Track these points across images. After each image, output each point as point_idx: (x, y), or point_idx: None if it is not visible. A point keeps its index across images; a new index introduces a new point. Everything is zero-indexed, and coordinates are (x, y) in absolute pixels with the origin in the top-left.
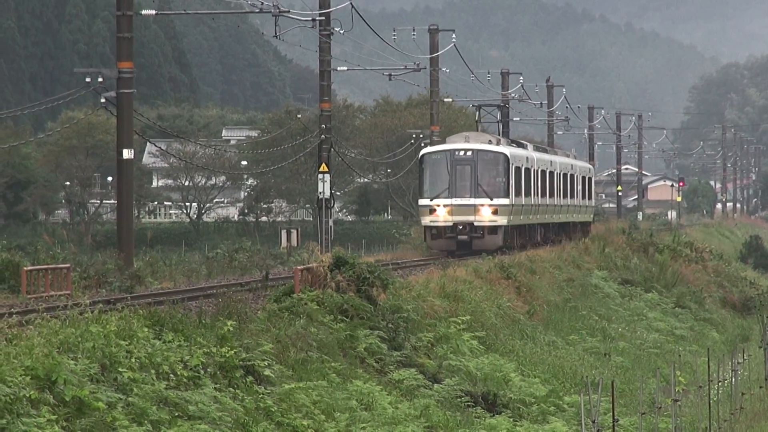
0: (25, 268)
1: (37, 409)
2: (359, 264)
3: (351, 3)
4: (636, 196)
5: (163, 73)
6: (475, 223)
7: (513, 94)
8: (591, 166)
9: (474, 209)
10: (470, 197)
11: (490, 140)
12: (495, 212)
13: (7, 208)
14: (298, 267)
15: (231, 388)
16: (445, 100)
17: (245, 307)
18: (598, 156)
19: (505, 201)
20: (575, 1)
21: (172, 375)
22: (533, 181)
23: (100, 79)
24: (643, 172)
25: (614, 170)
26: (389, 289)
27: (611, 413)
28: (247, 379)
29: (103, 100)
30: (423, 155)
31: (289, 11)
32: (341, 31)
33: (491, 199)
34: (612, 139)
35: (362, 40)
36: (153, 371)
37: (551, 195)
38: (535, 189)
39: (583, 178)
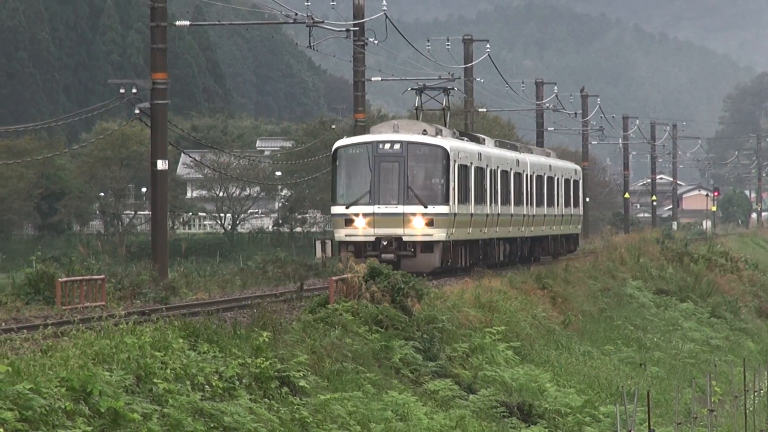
0: (59, 280)
1: (73, 420)
2: (394, 274)
3: (385, 13)
4: (671, 206)
5: (197, 83)
6: (405, 238)
7: (547, 104)
8: (578, 167)
9: (403, 220)
10: (398, 204)
11: (425, 130)
12: (430, 223)
13: (42, 219)
14: (333, 278)
15: (266, 399)
16: (480, 110)
17: (280, 317)
18: (633, 166)
19: (443, 209)
20: (609, 11)
21: (207, 386)
22: (489, 183)
23: (134, 90)
24: (678, 181)
25: (649, 180)
26: (424, 299)
27: (647, 423)
28: (283, 390)
29: (137, 111)
30: (337, 149)
31: (323, 22)
32: (375, 42)
33: (425, 207)
34: (647, 148)
35: (396, 51)
36: (188, 382)
37: (518, 202)
38: (492, 194)
39: (567, 181)
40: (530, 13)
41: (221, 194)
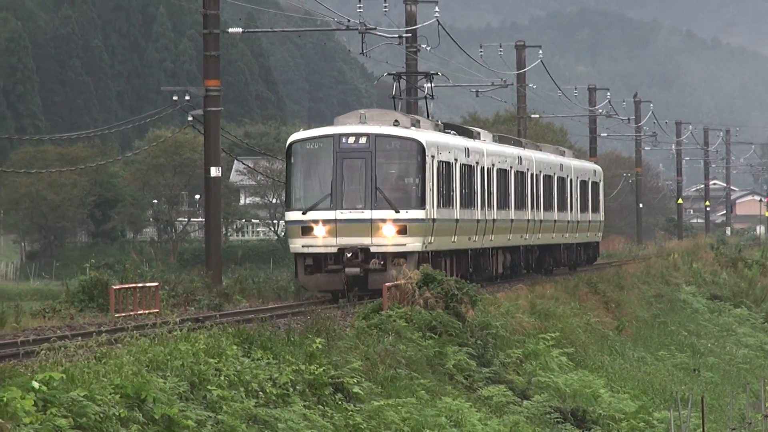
0: (113, 287)
1: (127, 427)
2: (447, 280)
3: (437, 20)
4: (724, 212)
5: (250, 90)
6: (373, 249)
7: (600, 110)
8: (597, 167)
9: (370, 227)
10: (364, 208)
11: (397, 120)
12: (403, 231)
13: (96, 226)
14: (386, 284)
15: (320, 406)
16: (533, 116)
17: (334, 324)
18: (686, 171)
19: (418, 214)
20: (662, 16)
21: (261, 393)
22: (481, 184)
23: (187, 98)
24: (731, 187)
25: (702, 185)
26: (478, 305)
27: (701, 429)
28: (336, 397)
29: (190, 119)
30: (292, 144)
31: (375, 28)
32: (428, 48)
33: (397, 212)
34: (700, 154)
35: (449, 57)
36: (242, 389)
37: (520, 206)
38: (485, 196)
39: (583, 183)
40: (583, 18)
41: (274, 201)
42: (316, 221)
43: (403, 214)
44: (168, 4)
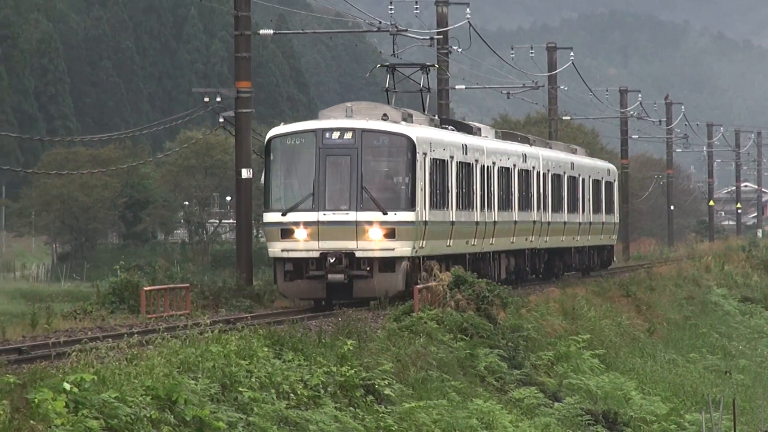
0: (144, 288)
1: (158, 429)
2: (479, 282)
3: (469, 21)
4: (755, 214)
5: (281, 92)
6: (358, 254)
7: (631, 112)
8: (612, 167)
9: (356, 230)
10: (349, 209)
11: (385, 114)
12: (390, 234)
13: (127, 228)
14: (418, 286)
15: (351, 408)
16: (564, 117)
17: (365, 326)
18: (717, 173)
19: (407, 216)
20: (693, 18)
21: (292, 394)
22: (480, 183)
23: (218, 99)
24: (763, 189)
25: (733, 188)
26: (509, 307)
27: (733, 431)
28: (368, 398)
29: (221, 120)
30: (271, 140)
31: (407, 30)
32: (459, 50)
33: (384, 213)
34: (731, 156)
35: (480, 59)
36: (273, 391)
37: (525, 206)
38: (486, 196)
39: (597, 183)
40: (614, 20)
41: None
42: (296, 223)
43: (392, 216)
44: (199, 5)
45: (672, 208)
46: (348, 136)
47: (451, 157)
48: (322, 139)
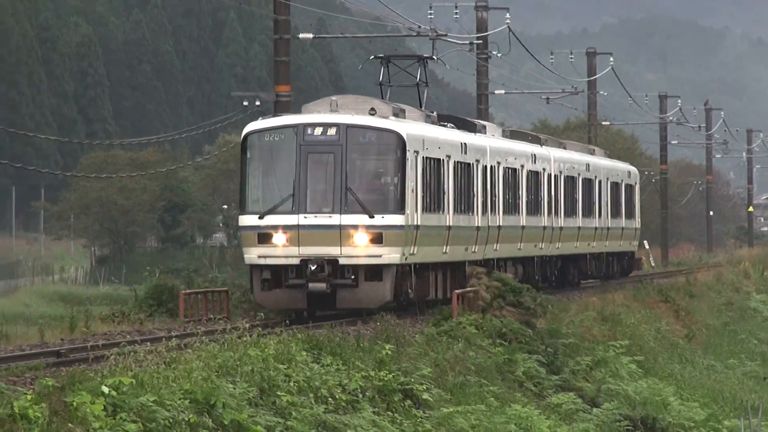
0: (182, 292)
1: None
2: (524, 293)
3: (508, 26)
4: None
5: (320, 96)
6: (342, 261)
7: (671, 118)
8: (632, 169)
9: (339, 235)
10: (333, 212)
11: (373, 109)
12: (377, 240)
13: (165, 231)
14: (456, 291)
15: (389, 412)
16: (603, 123)
17: (403, 330)
18: (757, 179)
19: (396, 219)
20: (733, 24)
21: (330, 399)
22: (482, 185)
23: (257, 103)
24: None
25: None
26: (548, 313)
27: None
28: (406, 403)
29: None
30: (247, 136)
31: (446, 35)
32: (498, 55)
33: (371, 216)
34: None
35: (519, 64)
36: (311, 395)
37: (534, 210)
38: (488, 199)
39: (615, 185)
40: (654, 26)
41: None
42: (274, 227)
43: (379, 220)
44: (239, 9)
45: (711, 213)
46: (331, 132)
47: (448, 157)
48: (303, 135)
